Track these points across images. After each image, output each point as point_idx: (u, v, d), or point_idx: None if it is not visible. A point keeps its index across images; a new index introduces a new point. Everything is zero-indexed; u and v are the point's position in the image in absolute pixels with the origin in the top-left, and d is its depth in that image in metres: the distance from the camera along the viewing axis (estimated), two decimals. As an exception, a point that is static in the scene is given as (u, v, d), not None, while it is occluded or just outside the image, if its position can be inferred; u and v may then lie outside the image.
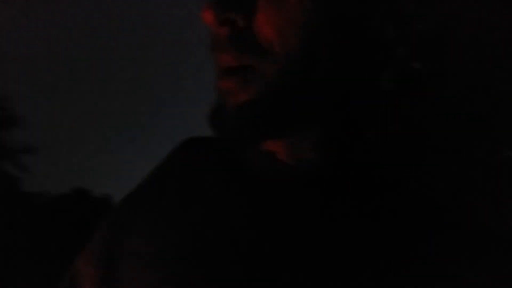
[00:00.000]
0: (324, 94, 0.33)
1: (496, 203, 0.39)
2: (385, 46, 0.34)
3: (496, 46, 0.41)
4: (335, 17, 0.32)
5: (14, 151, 13.30)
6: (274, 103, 0.32)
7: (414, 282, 0.30)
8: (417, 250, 0.31)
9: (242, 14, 0.32)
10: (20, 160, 13.30)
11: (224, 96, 0.34)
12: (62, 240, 11.11)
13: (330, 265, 0.31)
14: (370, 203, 0.34)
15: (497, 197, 0.39)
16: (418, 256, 0.31)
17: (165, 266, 0.35)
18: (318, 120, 0.34)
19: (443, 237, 0.32)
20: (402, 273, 0.31)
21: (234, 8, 0.32)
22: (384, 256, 0.31)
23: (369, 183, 0.35)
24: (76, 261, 0.42)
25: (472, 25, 0.39)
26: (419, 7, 0.36)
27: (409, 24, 0.36)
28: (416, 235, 0.32)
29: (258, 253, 0.33)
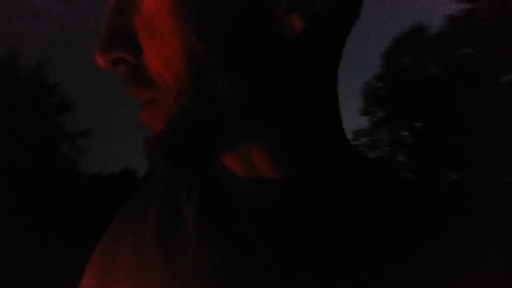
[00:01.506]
0: (236, 107, 0.32)
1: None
2: (283, 45, 0.32)
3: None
4: (214, 30, 0.30)
5: (70, 135, 14.95)
6: (181, 131, 0.32)
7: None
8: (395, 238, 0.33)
9: (129, 51, 0.32)
10: (75, 143, 14.97)
11: (146, 126, 0.34)
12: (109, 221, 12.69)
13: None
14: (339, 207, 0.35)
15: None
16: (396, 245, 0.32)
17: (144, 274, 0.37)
18: (249, 133, 0.34)
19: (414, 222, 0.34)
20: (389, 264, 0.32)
21: (120, 46, 0.32)
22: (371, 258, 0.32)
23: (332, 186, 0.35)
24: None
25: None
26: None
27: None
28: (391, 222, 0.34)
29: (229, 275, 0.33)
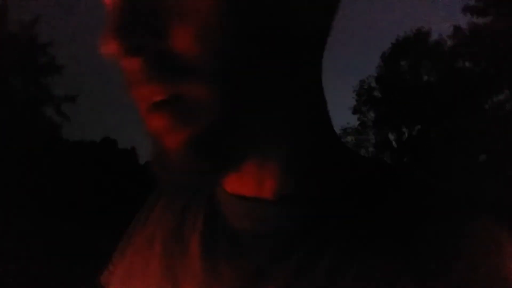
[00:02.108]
0: (267, 106, 0.30)
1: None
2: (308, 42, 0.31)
3: None
4: (252, 18, 0.27)
5: (57, 98, 14.65)
6: (221, 130, 0.28)
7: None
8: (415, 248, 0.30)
9: (152, 36, 0.26)
10: (60, 107, 14.68)
11: (158, 136, 0.29)
12: (86, 187, 12.71)
13: None
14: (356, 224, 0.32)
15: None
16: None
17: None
18: (274, 138, 0.32)
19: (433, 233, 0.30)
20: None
21: (141, 32, 0.26)
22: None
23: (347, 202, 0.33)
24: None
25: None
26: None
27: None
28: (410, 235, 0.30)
29: None
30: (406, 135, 17.18)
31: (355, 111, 18.43)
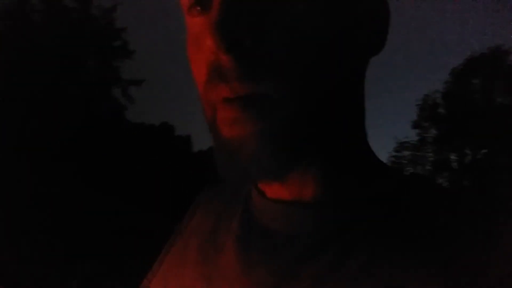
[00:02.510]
0: (335, 118, 0.31)
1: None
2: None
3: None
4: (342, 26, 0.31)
5: (125, 81, 15.46)
6: (291, 131, 0.30)
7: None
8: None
9: (251, 33, 0.28)
10: (128, 90, 15.51)
11: (224, 128, 0.31)
12: (141, 169, 13.31)
13: None
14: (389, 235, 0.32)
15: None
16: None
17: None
18: (319, 147, 0.33)
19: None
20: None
21: (242, 27, 0.28)
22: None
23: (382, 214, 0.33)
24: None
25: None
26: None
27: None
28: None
29: None
30: (470, 157, 16.19)
31: (415, 125, 17.67)
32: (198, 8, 0.32)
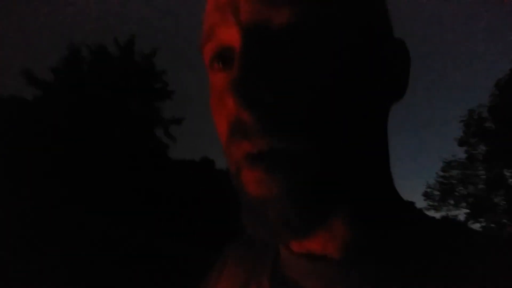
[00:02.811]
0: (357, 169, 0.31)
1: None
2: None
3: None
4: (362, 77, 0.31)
5: (166, 121, 16.14)
6: (318, 188, 0.29)
7: None
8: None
9: (271, 89, 0.28)
10: (169, 129, 16.15)
11: (250, 188, 0.30)
12: (184, 204, 13.59)
13: None
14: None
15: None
16: None
17: None
18: (346, 196, 0.32)
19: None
20: None
21: (262, 85, 0.28)
22: None
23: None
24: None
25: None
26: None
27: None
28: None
29: None
30: (525, 172, 15.13)
31: (462, 143, 16.86)
32: (220, 64, 0.33)
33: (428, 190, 16.92)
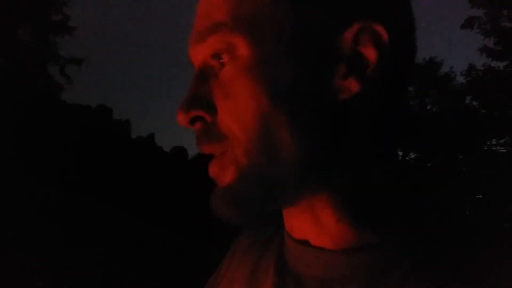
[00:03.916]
0: (299, 161, 0.34)
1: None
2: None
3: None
4: (282, 92, 0.34)
5: (63, 59, 14.64)
6: (250, 181, 0.35)
7: None
8: None
9: (205, 110, 0.36)
10: (65, 69, 14.69)
11: (215, 181, 0.38)
12: (72, 150, 12.63)
13: None
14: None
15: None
16: None
17: None
18: (312, 185, 0.36)
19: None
20: None
21: (198, 107, 0.36)
22: None
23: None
24: None
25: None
26: None
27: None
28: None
29: None
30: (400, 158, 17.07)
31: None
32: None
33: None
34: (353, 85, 0.34)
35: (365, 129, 0.36)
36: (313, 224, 0.37)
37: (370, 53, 0.34)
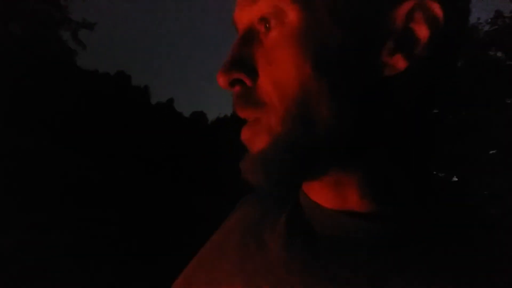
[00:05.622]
0: (335, 134, 0.34)
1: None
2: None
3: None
4: (326, 62, 0.33)
5: (75, 23, 14.01)
6: (282, 150, 0.35)
7: None
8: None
9: (246, 74, 0.36)
10: (78, 34, 13.97)
11: (247, 146, 0.38)
12: (94, 117, 12.30)
13: None
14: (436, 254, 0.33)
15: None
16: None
17: None
18: (343, 161, 0.35)
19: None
20: None
21: (239, 70, 0.36)
22: None
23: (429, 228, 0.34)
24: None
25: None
26: None
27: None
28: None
29: None
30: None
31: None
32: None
33: None
34: (400, 62, 0.33)
35: (406, 109, 0.35)
36: (334, 197, 0.38)
37: (422, 31, 0.33)
